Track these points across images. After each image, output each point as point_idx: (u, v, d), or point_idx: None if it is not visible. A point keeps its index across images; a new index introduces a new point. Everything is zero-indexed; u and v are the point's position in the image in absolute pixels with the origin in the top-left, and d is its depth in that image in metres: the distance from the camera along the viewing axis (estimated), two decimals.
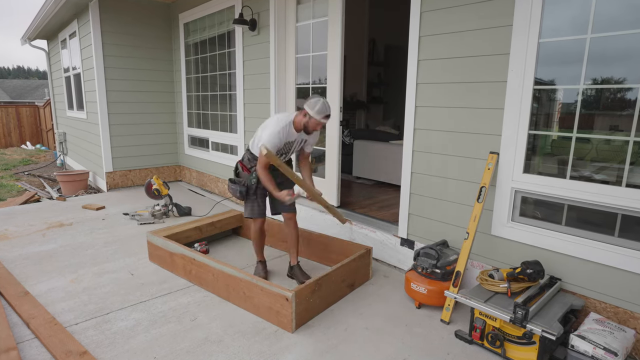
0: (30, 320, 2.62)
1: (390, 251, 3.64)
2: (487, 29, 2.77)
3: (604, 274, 2.42)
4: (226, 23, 5.50)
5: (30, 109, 15.01)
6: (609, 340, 2.10)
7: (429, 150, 3.24)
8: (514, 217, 2.81)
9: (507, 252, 2.85)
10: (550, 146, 2.70)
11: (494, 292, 2.54)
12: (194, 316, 2.76)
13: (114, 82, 6.24)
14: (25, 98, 28.66)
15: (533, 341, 2.24)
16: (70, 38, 7.37)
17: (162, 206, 4.96)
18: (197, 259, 3.12)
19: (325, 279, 2.82)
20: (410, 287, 2.93)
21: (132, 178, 6.61)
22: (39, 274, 3.38)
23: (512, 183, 2.77)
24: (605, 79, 2.37)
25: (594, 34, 2.34)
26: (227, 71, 5.67)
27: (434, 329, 2.67)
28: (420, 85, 3.23)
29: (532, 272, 2.43)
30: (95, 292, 3.09)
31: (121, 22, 6.18)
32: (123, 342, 2.47)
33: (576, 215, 2.54)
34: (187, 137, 6.82)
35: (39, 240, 4.20)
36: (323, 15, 4.17)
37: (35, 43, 9.38)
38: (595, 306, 2.48)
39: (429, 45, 3.12)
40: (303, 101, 2.93)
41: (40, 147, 13.94)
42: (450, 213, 3.16)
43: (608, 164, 2.44)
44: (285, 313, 2.57)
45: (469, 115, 2.95)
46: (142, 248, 3.96)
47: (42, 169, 9.59)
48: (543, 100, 2.66)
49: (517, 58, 2.63)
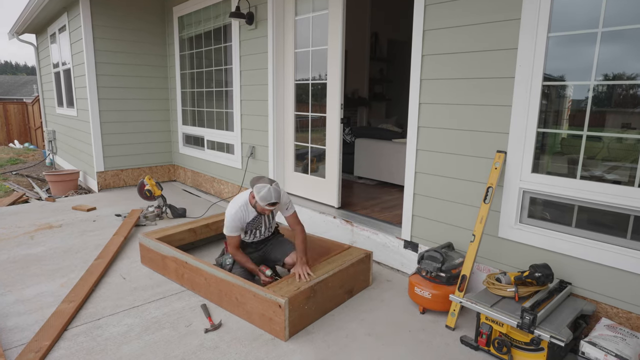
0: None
1: (393, 254, 3.64)
2: (494, 23, 2.77)
3: (616, 278, 2.42)
4: (222, 16, 5.51)
5: (18, 105, 15.01)
6: (620, 347, 2.10)
7: (434, 149, 3.24)
8: (522, 219, 2.81)
9: (514, 255, 2.85)
10: (560, 145, 2.70)
11: (501, 296, 2.54)
12: (188, 322, 2.76)
13: (106, 78, 6.24)
14: (13, 94, 28.64)
15: (541, 347, 2.24)
16: (60, 32, 7.37)
17: (156, 207, 4.97)
18: (189, 262, 3.13)
19: (321, 285, 2.81)
20: (414, 292, 2.93)
21: (124, 178, 6.61)
22: (27, 278, 3.38)
23: (520, 183, 2.77)
24: (617, 75, 2.37)
25: (605, 28, 2.35)
26: (223, 67, 5.67)
27: (439, 335, 2.67)
28: (424, 82, 3.23)
29: (541, 275, 2.43)
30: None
31: (113, 15, 6.19)
32: (115, 348, 2.47)
33: (587, 217, 2.54)
34: (182, 135, 6.83)
35: (27, 242, 4.20)
36: (323, 9, 4.17)
37: (23, 37, 9.37)
38: (607, 311, 2.48)
39: (434, 39, 3.13)
40: (253, 183, 2.92)
41: (29, 146, 13.94)
42: (455, 214, 3.16)
43: (620, 163, 2.44)
44: (278, 320, 2.56)
45: (475, 113, 2.96)
46: (135, 251, 3.96)
47: (30, 168, 9.59)
48: (552, 97, 2.66)
49: (525, 53, 2.63)
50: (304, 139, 4.71)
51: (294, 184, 4.91)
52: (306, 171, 4.76)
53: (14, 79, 34.58)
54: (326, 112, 4.35)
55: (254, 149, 5.19)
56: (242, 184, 5.44)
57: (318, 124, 4.54)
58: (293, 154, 4.87)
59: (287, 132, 4.88)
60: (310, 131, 4.63)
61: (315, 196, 4.66)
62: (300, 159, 4.84)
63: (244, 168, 5.41)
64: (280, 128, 4.87)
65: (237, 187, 5.57)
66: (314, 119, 4.57)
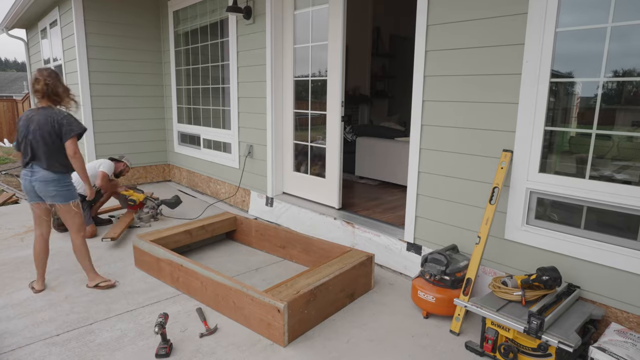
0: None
1: (396, 257, 3.64)
2: (500, 17, 2.77)
3: (627, 282, 2.42)
4: (219, 11, 5.51)
5: (8, 103, 14.99)
6: (631, 353, 2.10)
7: (438, 148, 3.24)
8: (529, 220, 2.81)
9: (521, 257, 2.85)
10: (568, 143, 2.70)
11: (507, 300, 2.54)
12: (184, 327, 2.76)
13: (98, 75, 6.24)
14: (2, 91, 28.65)
15: (549, 353, 2.24)
16: (51, 27, 7.37)
17: (150, 209, 4.97)
18: (185, 265, 3.13)
19: (322, 289, 2.81)
20: (418, 296, 2.94)
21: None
22: (17, 281, 3.38)
23: (527, 183, 2.77)
24: (628, 71, 2.37)
25: (615, 23, 2.34)
26: (220, 63, 5.67)
27: (443, 340, 2.67)
28: (427, 78, 3.23)
29: (548, 279, 2.43)
30: (78, 300, 3.09)
31: (106, 9, 6.19)
32: (108, 354, 2.47)
33: (596, 218, 2.54)
34: (177, 134, 6.83)
35: (17, 245, 4.20)
36: (323, 2, 4.17)
37: (13, 32, 9.38)
38: (617, 316, 2.48)
39: (438, 35, 3.13)
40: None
41: None
42: (460, 216, 3.16)
43: (631, 162, 2.45)
44: (277, 325, 2.56)
45: (480, 110, 2.96)
46: (129, 253, 3.96)
47: (20, 168, 9.57)
48: (560, 94, 2.66)
49: (532, 48, 2.63)
50: (304, 137, 4.71)
51: (293, 184, 4.91)
52: (306, 171, 4.76)
53: (3, 75, 34.57)
54: (326, 109, 4.35)
55: (251, 147, 5.19)
56: (240, 184, 5.44)
57: (318, 122, 4.54)
58: (292, 153, 4.87)
59: (286, 131, 4.88)
60: (310, 129, 4.63)
61: (315, 197, 4.66)
62: (300, 158, 4.84)
63: (241, 168, 5.41)
64: (279, 126, 4.87)
65: (235, 187, 5.57)
66: (313, 117, 4.57)
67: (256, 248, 4.19)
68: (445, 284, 2.86)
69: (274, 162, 4.92)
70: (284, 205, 4.75)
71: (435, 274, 2.88)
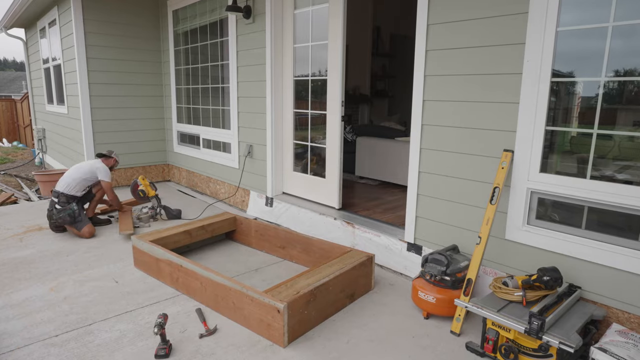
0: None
1: (396, 257, 3.64)
2: (501, 17, 2.78)
3: (628, 282, 2.42)
4: (219, 10, 5.51)
5: (7, 103, 15.01)
6: (632, 354, 2.10)
7: (438, 148, 3.24)
8: (530, 220, 2.81)
9: (522, 258, 2.85)
10: (569, 143, 2.70)
11: (508, 300, 2.54)
12: (183, 327, 2.77)
13: (97, 74, 6.25)
14: (1, 91, 28.67)
15: (550, 354, 2.24)
16: (50, 26, 7.38)
17: (150, 209, 4.97)
18: (184, 265, 3.13)
19: (322, 289, 2.81)
20: (418, 296, 2.94)
21: (117, 177, 6.61)
22: (16, 282, 3.38)
23: (528, 183, 2.77)
24: (629, 71, 2.38)
25: (616, 22, 2.35)
26: (220, 62, 5.68)
27: (444, 341, 2.67)
28: (428, 78, 3.24)
29: (549, 279, 2.44)
30: (77, 301, 3.10)
31: (105, 9, 6.19)
32: (107, 355, 2.47)
33: (597, 218, 2.55)
34: (177, 134, 6.83)
35: (16, 245, 4.20)
36: (323, 2, 4.18)
37: (12, 32, 9.39)
38: (618, 316, 2.48)
39: (438, 34, 3.13)
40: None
41: (18, 145, 13.94)
42: (460, 216, 3.16)
43: (632, 162, 2.45)
44: (277, 326, 2.56)
45: (481, 110, 2.96)
46: (128, 254, 3.97)
47: (19, 168, 9.60)
48: (561, 94, 2.66)
49: (533, 48, 2.63)
50: (304, 137, 4.72)
51: (293, 184, 4.92)
52: (306, 171, 4.76)
53: (2, 75, 34.59)
54: (326, 109, 4.35)
55: (251, 147, 5.20)
56: (239, 184, 5.44)
57: (318, 121, 4.54)
58: (292, 152, 4.87)
59: (285, 130, 4.88)
60: (310, 129, 4.63)
61: (315, 197, 4.66)
62: (300, 158, 4.85)
63: (241, 167, 5.41)
64: (278, 126, 4.87)
65: (234, 187, 5.57)
66: (313, 117, 4.57)
67: (256, 248, 4.19)
68: (445, 284, 2.86)
69: (274, 162, 4.92)
70: (284, 206, 4.75)
71: (435, 274, 2.88)
